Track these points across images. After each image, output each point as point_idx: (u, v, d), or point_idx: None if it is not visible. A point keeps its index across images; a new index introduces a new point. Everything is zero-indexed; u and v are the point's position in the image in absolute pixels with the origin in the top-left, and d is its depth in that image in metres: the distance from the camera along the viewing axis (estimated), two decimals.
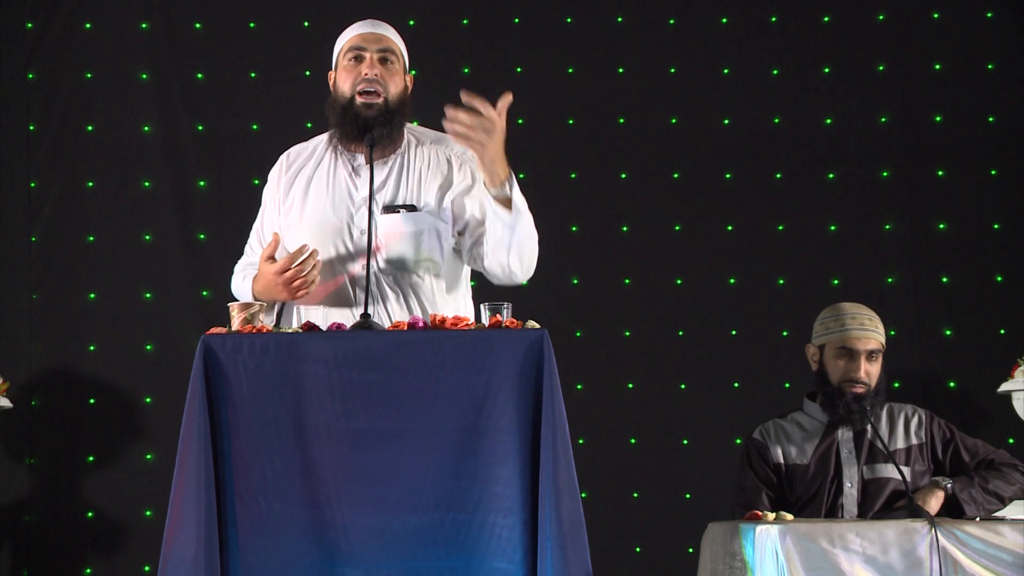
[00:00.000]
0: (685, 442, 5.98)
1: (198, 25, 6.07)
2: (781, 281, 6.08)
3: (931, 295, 6.07)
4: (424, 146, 4.09)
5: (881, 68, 6.18)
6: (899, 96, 6.16)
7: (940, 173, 6.14)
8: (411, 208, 3.99)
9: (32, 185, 5.97)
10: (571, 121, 6.14)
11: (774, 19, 6.20)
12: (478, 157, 3.79)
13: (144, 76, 6.03)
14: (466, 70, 6.13)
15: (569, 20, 6.17)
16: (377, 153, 3.99)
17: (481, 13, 6.16)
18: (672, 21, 6.19)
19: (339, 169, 4.04)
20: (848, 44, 6.18)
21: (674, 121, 6.15)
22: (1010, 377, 5.68)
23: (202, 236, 5.97)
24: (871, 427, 4.35)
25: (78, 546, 5.80)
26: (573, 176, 6.11)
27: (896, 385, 5.78)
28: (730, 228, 6.11)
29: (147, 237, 5.98)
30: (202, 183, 6.00)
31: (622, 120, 6.14)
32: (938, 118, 6.16)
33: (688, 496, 5.89)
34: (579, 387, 5.91)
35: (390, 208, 3.98)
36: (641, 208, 6.09)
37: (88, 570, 5.79)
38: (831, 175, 6.14)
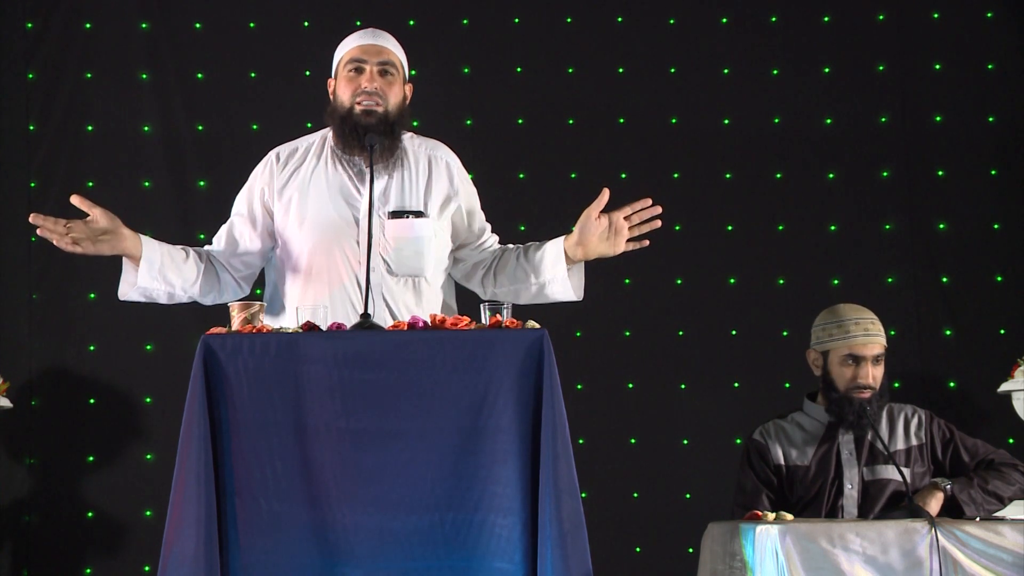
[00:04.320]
0: (685, 442, 5.98)
1: (198, 25, 6.07)
2: (781, 281, 6.08)
3: (931, 295, 6.07)
4: (420, 152, 4.12)
5: (881, 68, 6.18)
6: (899, 96, 6.16)
7: (940, 173, 6.14)
8: (419, 214, 4.01)
9: (32, 185, 5.96)
10: (571, 121, 6.13)
11: (774, 19, 6.20)
12: (600, 248, 4.05)
13: (144, 76, 6.02)
14: (466, 70, 6.12)
15: (569, 20, 6.17)
16: (377, 159, 4.00)
17: (481, 13, 6.15)
18: (672, 21, 6.19)
19: (340, 172, 4.06)
20: (848, 44, 6.18)
21: (674, 121, 6.15)
22: (1010, 377, 5.67)
23: (202, 236, 5.95)
24: (871, 428, 4.34)
25: (78, 546, 5.80)
26: (573, 176, 6.10)
27: (896, 385, 5.78)
28: (730, 228, 6.11)
29: None
30: (202, 183, 6.00)
31: (622, 120, 6.14)
32: (938, 118, 6.16)
33: (688, 496, 5.89)
34: (579, 387, 5.91)
35: (398, 213, 4.01)
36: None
37: (88, 570, 5.79)
38: (831, 175, 6.14)
